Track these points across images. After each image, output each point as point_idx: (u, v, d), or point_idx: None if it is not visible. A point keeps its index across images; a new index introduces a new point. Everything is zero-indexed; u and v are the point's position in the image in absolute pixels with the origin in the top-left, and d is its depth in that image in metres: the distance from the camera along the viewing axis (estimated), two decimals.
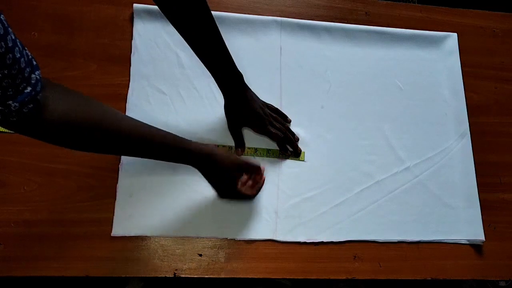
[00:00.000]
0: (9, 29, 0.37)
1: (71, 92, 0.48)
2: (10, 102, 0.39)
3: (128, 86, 0.71)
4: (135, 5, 0.74)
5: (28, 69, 0.40)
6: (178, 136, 0.58)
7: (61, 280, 0.69)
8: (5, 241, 0.62)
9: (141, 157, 0.58)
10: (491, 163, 0.77)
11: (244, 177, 0.65)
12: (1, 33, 0.35)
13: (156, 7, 0.58)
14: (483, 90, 0.82)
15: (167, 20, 0.58)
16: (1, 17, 0.36)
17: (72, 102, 0.47)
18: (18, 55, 0.38)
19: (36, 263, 0.61)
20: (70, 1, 0.74)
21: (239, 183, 0.63)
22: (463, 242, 0.71)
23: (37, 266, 0.61)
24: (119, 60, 0.72)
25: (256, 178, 0.66)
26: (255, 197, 0.67)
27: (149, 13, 0.75)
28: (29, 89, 0.40)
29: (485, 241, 0.71)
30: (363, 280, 0.78)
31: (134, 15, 0.75)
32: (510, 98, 0.83)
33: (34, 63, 0.42)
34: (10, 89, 0.38)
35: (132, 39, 0.74)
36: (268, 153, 0.71)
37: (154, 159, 0.58)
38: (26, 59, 0.40)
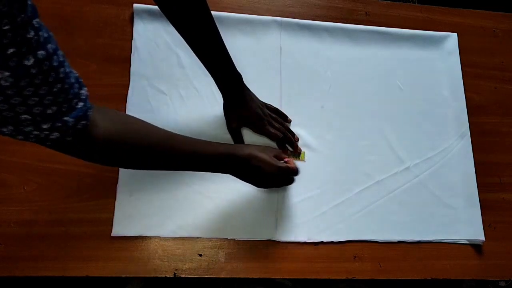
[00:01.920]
0: (58, 45, 0.37)
1: (111, 110, 0.49)
2: (66, 118, 0.39)
3: (128, 86, 0.71)
4: (135, 5, 0.74)
5: (77, 85, 0.40)
6: (214, 143, 0.58)
7: (61, 280, 0.69)
8: (5, 241, 0.62)
9: (182, 170, 0.59)
10: (491, 163, 0.77)
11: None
12: (54, 47, 0.36)
13: (156, 7, 0.58)
14: (483, 90, 0.82)
15: (167, 20, 0.58)
16: (50, 33, 0.36)
17: (117, 119, 0.48)
18: (68, 69, 0.38)
19: (36, 263, 0.61)
20: (70, 1, 0.74)
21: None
22: (463, 242, 0.71)
23: (37, 266, 0.61)
24: (119, 60, 0.72)
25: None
26: (252, 198, 0.67)
27: (149, 13, 0.75)
28: (81, 104, 0.40)
29: (485, 241, 0.71)
30: (363, 280, 0.78)
31: (134, 15, 0.75)
32: (510, 98, 0.83)
33: (80, 80, 0.41)
34: (64, 105, 0.38)
35: (132, 39, 0.74)
36: None
37: (193, 170, 0.59)
38: (74, 75, 0.40)
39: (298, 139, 0.73)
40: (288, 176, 0.62)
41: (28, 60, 0.33)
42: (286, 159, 0.63)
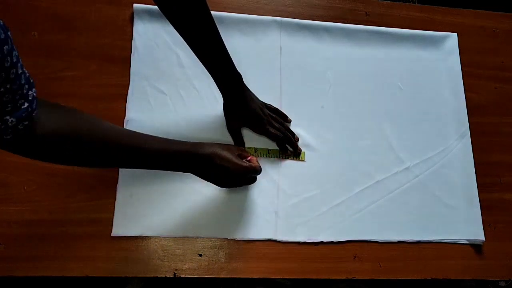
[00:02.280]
0: (14, 45, 0.37)
1: (61, 107, 0.48)
2: (7, 117, 0.39)
3: (128, 86, 0.71)
4: (135, 5, 0.74)
5: (26, 86, 0.40)
6: (174, 141, 0.57)
7: (61, 280, 0.69)
8: (5, 241, 0.62)
9: (138, 167, 0.57)
10: (491, 163, 0.77)
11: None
12: (9, 48, 0.36)
13: (156, 7, 0.58)
14: (483, 90, 0.82)
15: (167, 20, 0.58)
16: (8, 33, 0.36)
17: (62, 116, 0.47)
18: (20, 71, 0.39)
19: (36, 263, 0.61)
20: (70, 1, 0.74)
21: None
22: (463, 242, 0.71)
23: (37, 266, 0.61)
24: (119, 60, 0.72)
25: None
26: (252, 198, 0.67)
27: (149, 13, 0.75)
28: (26, 105, 0.40)
29: (485, 241, 0.71)
30: (363, 280, 0.78)
31: (134, 15, 0.75)
32: (510, 98, 0.83)
33: (31, 80, 0.42)
34: (9, 105, 0.38)
35: (132, 39, 0.74)
36: (268, 153, 0.71)
37: (151, 169, 0.58)
38: (25, 76, 0.40)
39: (298, 139, 0.73)
40: (251, 175, 0.62)
41: None
42: (248, 158, 0.62)
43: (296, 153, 0.72)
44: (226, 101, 0.66)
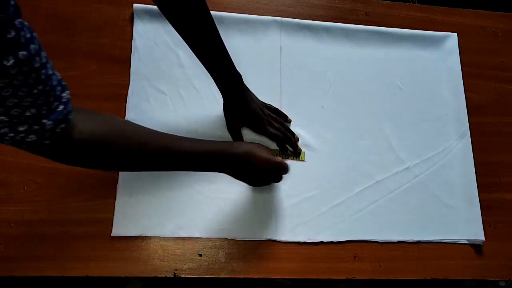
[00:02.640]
0: (41, 46, 0.36)
1: (92, 111, 0.48)
2: (45, 120, 0.38)
3: (128, 86, 0.71)
4: (135, 5, 0.74)
5: (59, 88, 0.39)
6: (204, 140, 0.57)
7: (61, 280, 0.69)
8: (5, 241, 0.62)
9: (170, 169, 0.57)
10: (491, 163, 0.77)
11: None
12: (37, 48, 0.35)
13: (156, 7, 0.58)
14: (483, 90, 0.82)
15: (167, 20, 0.58)
16: (34, 34, 0.35)
17: (96, 120, 0.47)
18: (51, 71, 0.38)
19: (36, 263, 0.61)
20: (70, 1, 0.74)
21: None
22: (463, 242, 0.71)
23: (37, 266, 0.61)
24: (119, 60, 0.72)
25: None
26: (252, 198, 0.67)
27: (149, 13, 0.75)
28: (61, 107, 0.39)
29: (485, 241, 0.71)
30: (363, 280, 0.78)
31: (134, 15, 0.75)
32: (510, 98, 0.83)
33: (63, 83, 0.41)
34: (44, 107, 0.37)
35: (132, 39, 0.74)
36: None
37: (182, 170, 0.58)
38: (56, 77, 0.39)
39: (298, 139, 0.73)
40: (280, 172, 0.62)
41: (7, 61, 0.32)
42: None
43: (296, 153, 0.72)
44: (226, 101, 0.66)
